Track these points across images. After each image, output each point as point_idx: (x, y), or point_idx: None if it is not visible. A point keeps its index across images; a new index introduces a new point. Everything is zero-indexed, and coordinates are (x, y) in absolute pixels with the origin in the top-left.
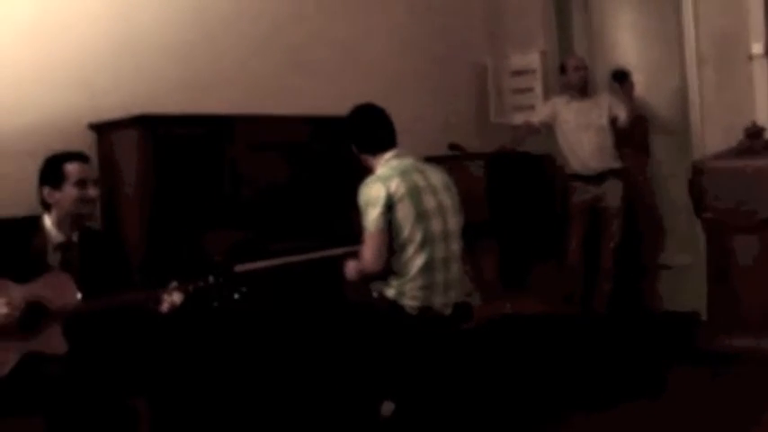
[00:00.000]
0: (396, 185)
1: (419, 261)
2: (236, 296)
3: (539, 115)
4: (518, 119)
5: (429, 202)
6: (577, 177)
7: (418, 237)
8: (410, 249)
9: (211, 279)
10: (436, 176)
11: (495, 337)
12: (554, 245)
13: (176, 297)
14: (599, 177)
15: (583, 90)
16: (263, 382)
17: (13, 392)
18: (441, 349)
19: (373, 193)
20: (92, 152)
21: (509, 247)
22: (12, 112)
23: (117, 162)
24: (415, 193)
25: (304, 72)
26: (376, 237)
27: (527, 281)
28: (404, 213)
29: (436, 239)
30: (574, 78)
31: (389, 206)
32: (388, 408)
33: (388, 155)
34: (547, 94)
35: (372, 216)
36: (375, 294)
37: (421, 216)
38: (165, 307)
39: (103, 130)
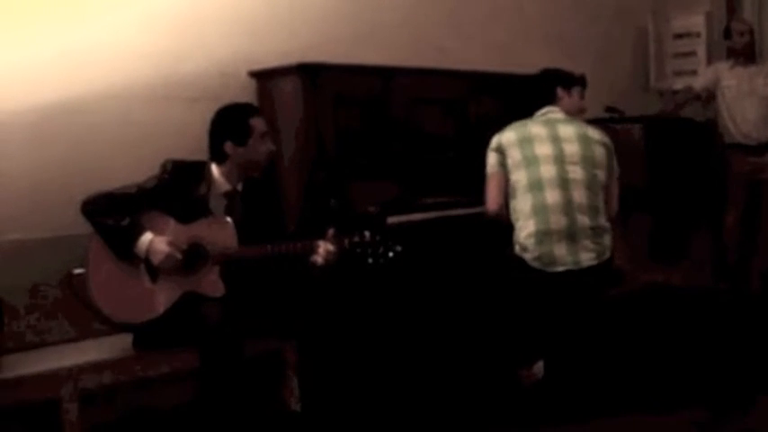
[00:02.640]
0: (508, 135)
1: (527, 204)
2: (391, 255)
3: (700, 81)
4: (679, 84)
5: (542, 149)
6: (738, 147)
7: (524, 180)
8: (518, 193)
9: (367, 236)
10: (569, 129)
11: (643, 306)
12: (711, 217)
13: (333, 253)
14: (761, 148)
15: (749, 56)
16: (409, 338)
17: (172, 328)
18: (571, 305)
19: (491, 144)
20: (252, 99)
21: (663, 216)
22: (176, 59)
23: (276, 109)
24: (525, 141)
25: (463, 29)
26: (490, 178)
27: (680, 251)
28: (513, 160)
29: (546, 184)
30: (739, 43)
31: (501, 152)
32: (539, 368)
33: (540, 112)
34: (710, 59)
35: (488, 161)
36: (509, 251)
37: (528, 161)
38: (320, 261)
39: (264, 77)
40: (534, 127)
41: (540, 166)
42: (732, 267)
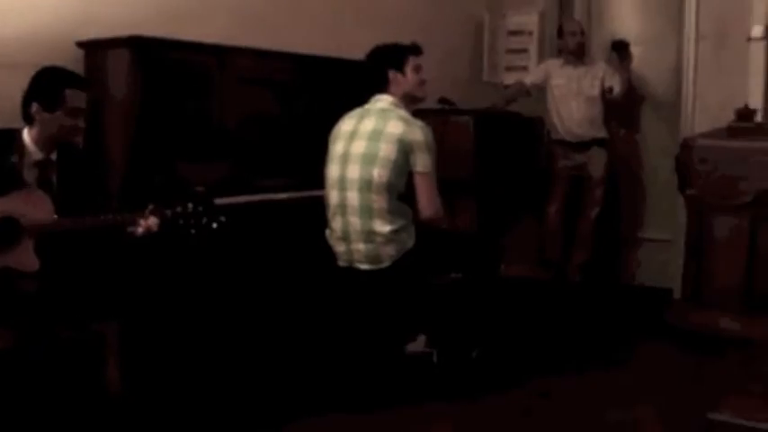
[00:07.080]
0: (332, 132)
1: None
2: (215, 225)
3: (531, 77)
4: (510, 79)
5: (338, 148)
6: (562, 143)
7: (326, 181)
8: None
9: (190, 206)
10: (369, 123)
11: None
12: (534, 209)
13: (153, 221)
14: (584, 145)
15: (579, 56)
16: (235, 316)
17: None
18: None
19: None
20: (78, 69)
21: (488, 207)
22: None
23: (104, 82)
24: (333, 139)
25: (297, 10)
26: None
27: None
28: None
29: (330, 184)
30: (570, 43)
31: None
32: None
33: (371, 100)
34: (542, 57)
35: None
36: None
37: (329, 159)
38: (140, 231)
39: (93, 48)
40: (344, 124)
41: (331, 165)
42: (552, 259)
